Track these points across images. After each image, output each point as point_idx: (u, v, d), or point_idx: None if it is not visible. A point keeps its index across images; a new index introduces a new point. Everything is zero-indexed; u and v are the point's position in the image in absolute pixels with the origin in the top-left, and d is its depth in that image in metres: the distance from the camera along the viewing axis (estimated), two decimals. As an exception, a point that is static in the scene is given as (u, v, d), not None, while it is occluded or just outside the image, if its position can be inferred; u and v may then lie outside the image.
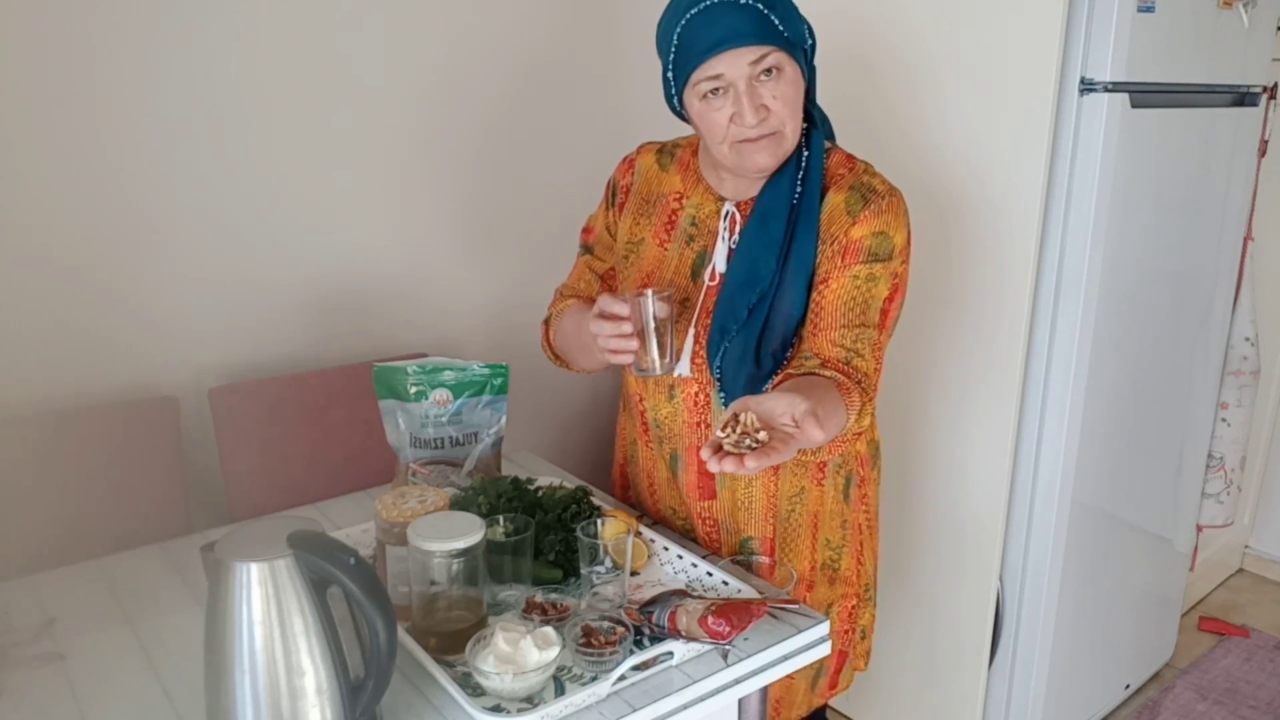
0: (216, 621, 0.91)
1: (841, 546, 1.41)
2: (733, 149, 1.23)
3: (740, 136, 1.21)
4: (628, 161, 1.44)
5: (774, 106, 1.19)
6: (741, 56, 1.17)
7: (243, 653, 0.90)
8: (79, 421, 1.55)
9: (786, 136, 1.22)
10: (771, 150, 1.22)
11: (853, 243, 1.23)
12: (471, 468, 1.44)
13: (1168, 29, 1.76)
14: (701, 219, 1.34)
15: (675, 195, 1.37)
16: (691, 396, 1.33)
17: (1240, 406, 2.42)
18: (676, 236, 1.35)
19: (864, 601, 1.47)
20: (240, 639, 0.90)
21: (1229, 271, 2.22)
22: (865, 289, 1.23)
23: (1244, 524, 2.94)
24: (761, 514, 1.37)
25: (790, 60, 1.20)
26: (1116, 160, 1.73)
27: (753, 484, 1.35)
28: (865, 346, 1.21)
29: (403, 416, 1.42)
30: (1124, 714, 2.32)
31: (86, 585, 1.30)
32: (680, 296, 1.32)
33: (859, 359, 1.20)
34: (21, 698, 1.06)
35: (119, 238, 1.60)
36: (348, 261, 1.87)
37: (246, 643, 0.90)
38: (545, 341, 1.50)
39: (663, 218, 1.37)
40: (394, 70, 1.85)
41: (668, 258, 1.35)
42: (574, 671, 1.07)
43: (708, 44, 1.17)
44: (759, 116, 1.19)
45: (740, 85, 1.18)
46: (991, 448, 1.88)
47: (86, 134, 1.54)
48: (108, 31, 1.53)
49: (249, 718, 0.91)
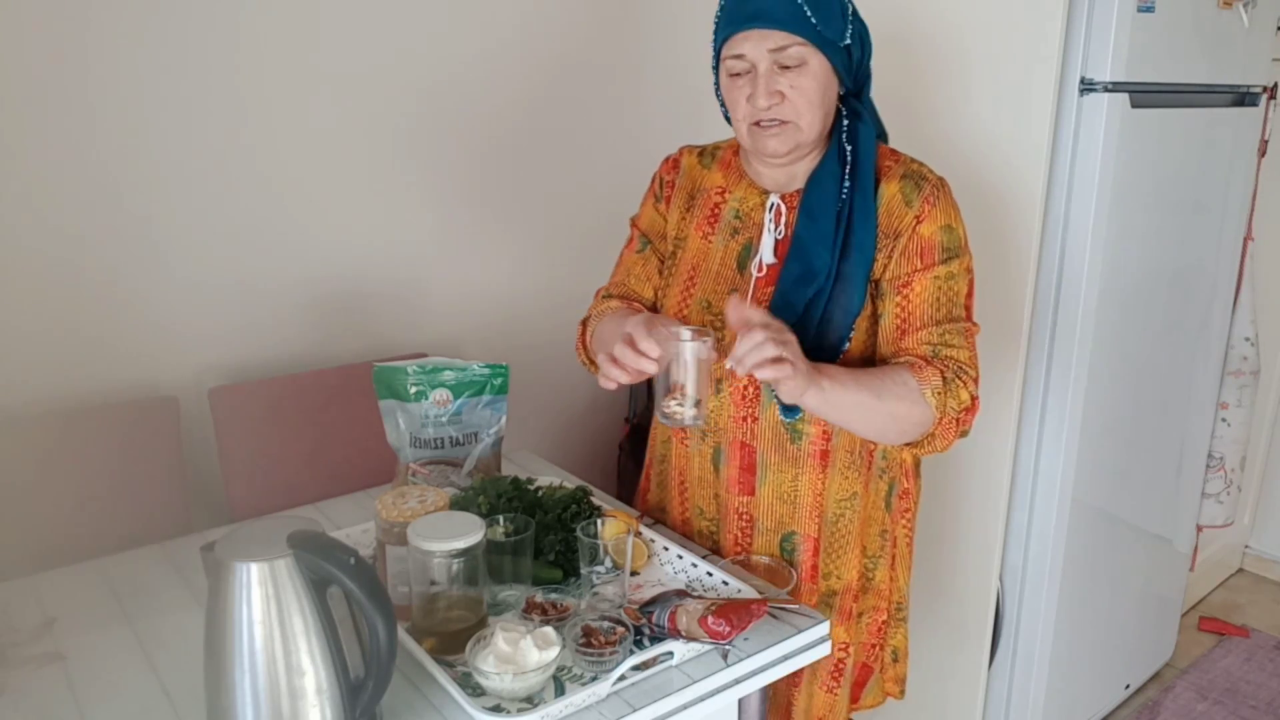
0: (216, 621, 0.91)
1: (878, 556, 1.39)
2: (750, 131, 1.25)
3: (754, 118, 1.23)
4: (671, 160, 1.45)
5: (790, 95, 1.20)
6: (765, 40, 1.18)
7: (243, 653, 0.90)
8: (79, 421, 1.55)
9: (802, 129, 1.23)
10: (784, 138, 1.23)
11: (925, 241, 1.25)
12: (471, 468, 1.44)
13: (1168, 29, 1.76)
14: (745, 212, 1.34)
15: (718, 190, 1.37)
16: (740, 390, 1.31)
17: (1240, 406, 2.42)
18: (720, 229, 1.35)
19: (895, 620, 1.44)
20: (240, 639, 0.90)
21: (1229, 271, 2.22)
22: (947, 288, 1.25)
23: (1244, 524, 2.94)
24: (807, 511, 1.34)
25: (818, 55, 1.20)
26: (1116, 160, 1.73)
27: (799, 478, 1.33)
28: (955, 337, 1.24)
29: (403, 416, 1.42)
30: (1124, 714, 2.32)
31: (86, 585, 1.30)
32: (729, 289, 1.32)
33: (948, 349, 1.23)
34: (21, 698, 1.06)
35: (119, 238, 1.60)
36: (348, 261, 1.87)
37: (246, 643, 0.90)
38: (580, 343, 1.46)
39: (705, 211, 1.37)
40: (394, 71, 1.84)
41: (712, 250, 1.35)
42: (574, 671, 1.07)
43: (738, 20, 1.20)
44: (771, 100, 1.20)
45: (760, 67, 1.20)
46: (991, 448, 1.88)
47: (86, 135, 1.54)
48: (110, 32, 1.53)
49: (249, 717, 0.91)
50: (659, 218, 1.43)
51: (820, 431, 1.31)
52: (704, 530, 1.42)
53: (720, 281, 1.33)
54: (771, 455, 1.32)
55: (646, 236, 1.44)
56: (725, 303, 1.26)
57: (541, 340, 2.16)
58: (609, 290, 1.46)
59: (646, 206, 1.46)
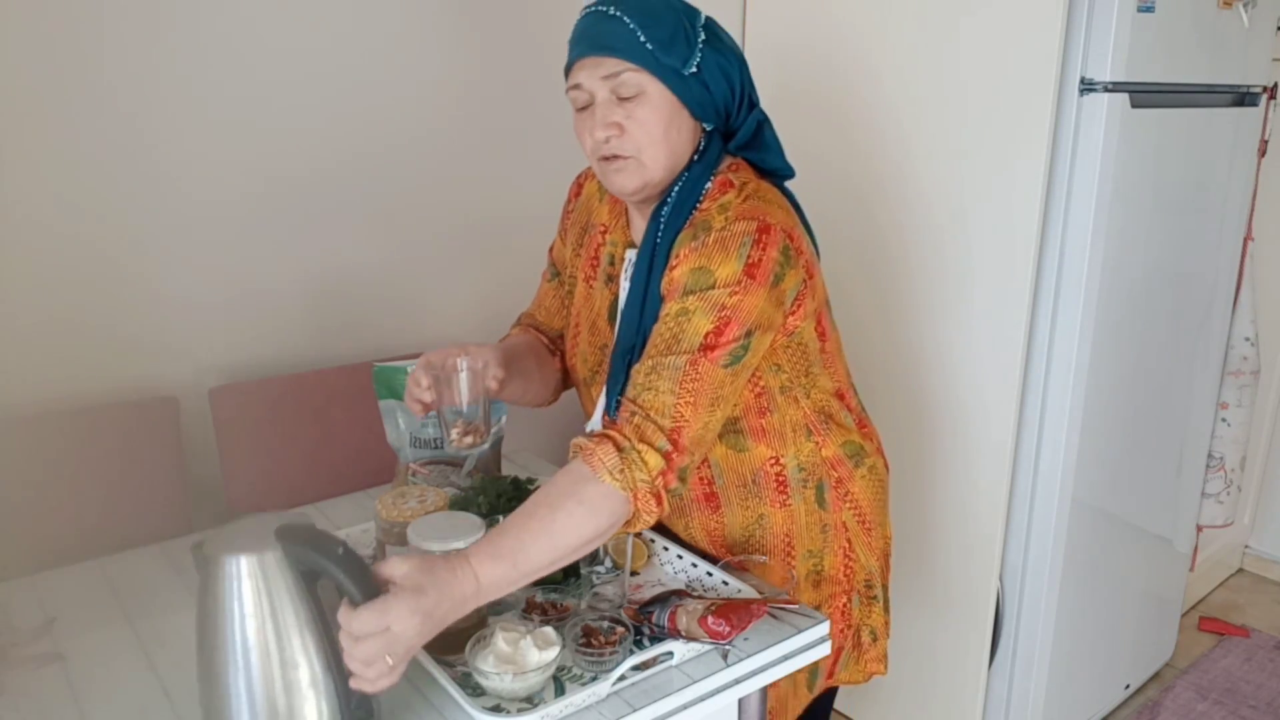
0: (208, 617, 0.91)
1: (823, 551, 1.36)
2: (599, 167, 1.19)
3: (598, 153, 1.17)
4: (576, 184, 1.40)
5: (628, 127, 1.14)
6: (598, 68, 1.13)
7: (235, 647, 0.90)
8: (80, 421, 1.55)
9: (645, 164, 1.15)
10: (628, 175, 1.16)
11: (672, 283, 1.14)
12: (471, 468, 1.44)
13: (1168, 29, 1.76)
14: (616, 259, 1.30)
15: (601, 228, 1.34)
16: None
17: (1240, 406, 2.42)
18: (599, 274, 1.32)
19: (867, 600, 1.40)
20: (232, 633, 0.89)
21: (1229, 271, 2.22)
22: (676, 324, 1.11)
23: (1244, 524, 2.94)
24: (709, 545, 1.34)
25: (657, 83, 1.13)
26: (1116, 160, 1.73)
27: (690, 522, 1.32)
28: (664, 374, 1.09)
29: (403, 416, 1.42)
30: (1124, 714, 2.32)
31: (86, 585, 1.30)
32: (600, 342, 1.30)
33: (648, 392, 1.08)
34: (21, 698, 1.06)
35: (119, 238, 1.60)
36: (348, 262, 1.87)
37: (239, 637, 0.89)
38: None
39: (590, 253, 1.34)
40: (392, 71, 1.84)
41: (593, 297, 1.32)
42: (574, 671, 1.07)
43: (575, 47, 1.16)
44: (608, 132, 1.14)
45: (599, 97, 1.15)
46: (991, 447, 1.88)
47: (86, 135, 1.54)
48: (111, 32, 1.53)
49: (244, 713, 0.90)
50: (564, 248, 1.40)
51: (697, 478, 1.29)
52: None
53: (595, 334, 1.30)
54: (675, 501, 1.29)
55: (555, 266, 1.41)
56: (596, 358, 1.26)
57: (541, 340, 2.15)
58: (520, 317, 1.44)
59: (557, 235, 1.42)
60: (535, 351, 1.43)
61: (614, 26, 1.11)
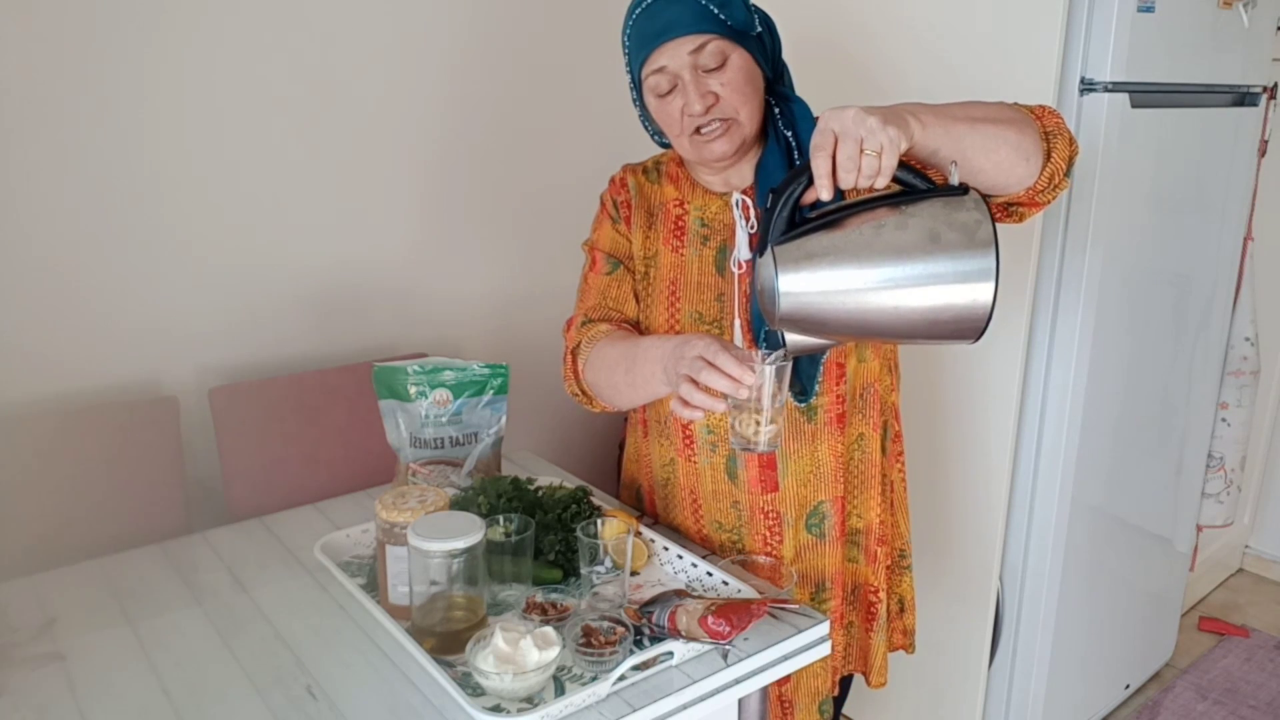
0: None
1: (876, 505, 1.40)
2: (691, 142, 1.24)
3: (693, 126, 1.22)
4: (618, 180, 1.41)
5: (723, 94, 1.21)
6: (681, 46, 1.19)
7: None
8: (79, 421, 1.55)
9: (742, 123, 1.23)
10: (728, 137, 1.23)
11: None
12: (471, 468, 1.44)
13: (1168, 29, 1.76)
14: (709, 218, 1.34)
15: (675, 202, 1.37)
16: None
17: (1240, 406, 2.42)
18: (690, 240, 1.35)
19: (900, 567, 1.46)
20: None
21: (1229, 271, 2.22)
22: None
23: (1244, 524, 2.94)
24: (830, 475, 1.35)
25: (736, 48, 1.21)
26: (1116, 160, 1.73)
27: (818, 451, 1.33)
28: None
29: (403, 416, 1.42)
30: (1124, 714, 2.32)
31: (86, 585, 1.30)
32: (714, 295, 1.32)
33: None
34: (21, 698, 1.06)
35: (119, 238, 1.60)
36: (347, 261, 1.87)
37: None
38: (570, 374, 1.36)
39: (669, 225, 1.36)
40: (393, 71, 1.85)
41: (687, 261, 1.34)
42: (574, 671, 1.07)
43: (649, 37, 1.20)
44: (706, 103, 1.20)
45: (685, 75, 1.20)
46: (991, 448, 1.88)
47: (86, 134, 1.54)
48: (111, 32, 1.53)
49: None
50: (622, 239, 1.40)
51: (835, 397, 1.31)
52: (725, 542, 1.39)
53: (703, 290, 1.32)
54: (790, 444, 1.32)
55: (614, 257, 1.40)
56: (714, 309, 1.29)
57: (541, 340, 2.15)
58: (587, 316, 1.37)
59: (604, 230, 1.41)
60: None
61: (686, 6, 1.18)
